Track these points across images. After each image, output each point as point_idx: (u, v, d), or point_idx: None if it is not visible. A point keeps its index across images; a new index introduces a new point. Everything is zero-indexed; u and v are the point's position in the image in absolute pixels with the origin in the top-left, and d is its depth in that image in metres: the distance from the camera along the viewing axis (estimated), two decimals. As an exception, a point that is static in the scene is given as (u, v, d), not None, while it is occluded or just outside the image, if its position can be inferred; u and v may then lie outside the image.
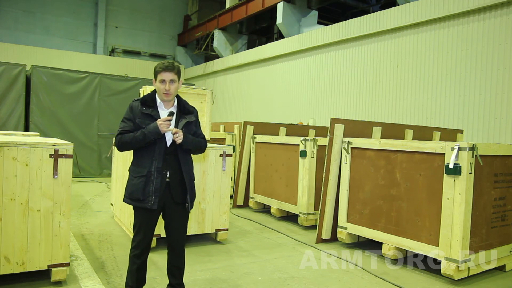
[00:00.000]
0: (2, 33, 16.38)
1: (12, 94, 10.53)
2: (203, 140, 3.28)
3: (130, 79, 11.89)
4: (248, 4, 15.01)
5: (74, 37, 18.00)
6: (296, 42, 12.64)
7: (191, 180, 3.18)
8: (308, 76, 12.16)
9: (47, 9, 17.21)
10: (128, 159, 5.57)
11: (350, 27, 10.69)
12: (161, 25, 19.93)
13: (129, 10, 19.10)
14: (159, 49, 19.77)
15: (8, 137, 4.50)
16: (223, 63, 16.52)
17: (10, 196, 3.43)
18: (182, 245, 3.28)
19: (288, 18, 13.12)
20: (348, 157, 5.33)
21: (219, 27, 16.82)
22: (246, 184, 7.85)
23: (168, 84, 3.03)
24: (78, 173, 10.64)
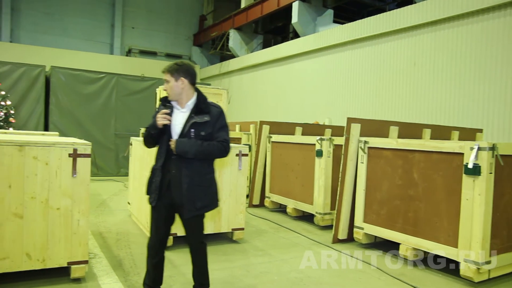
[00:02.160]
0: (23, 35, 16.72)
1: (32, 95, 10.74)
2: (218, 144, 3.06)
3: (146, 79, 12.00)
4: (263, 3, 15.00)
5: (91, 38, 18.25)
6: (311, 41, 12.58)
7: (191, 184, 3.02)
8: (323, 75, 12.10)
9: (65, 11, 17.48)
10: (144, 158, 5.62)
11: (366, 26, 10.59)
12: (177, 25, 20.06)
13: (146, 11, 19.27)
14: (175, 49, 19.90)
15: (29, 136, 4.59)
16: (238, 63, 16.55)
17: (31, 194, 3.50)
18: (194, 245, 3.23)
19: (304, 17, 13.07)
20: (365, 156, 5.29)
21: (235, 27, 16.85)
22: (262, 183, 7.85)
23: (165, 84, 3.14)
24: (96, 172, 10.78)
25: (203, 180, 3.09)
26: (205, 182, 3.10)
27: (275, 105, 14.21)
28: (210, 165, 3.18)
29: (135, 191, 6.14)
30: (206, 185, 3.11)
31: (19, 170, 3.44)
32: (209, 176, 3.15)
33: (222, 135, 3.11)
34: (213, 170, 3.20)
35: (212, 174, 3.18)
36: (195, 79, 3.18)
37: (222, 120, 3.14)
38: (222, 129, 3.13)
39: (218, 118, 3.12)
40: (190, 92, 3.14)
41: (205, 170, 3.11)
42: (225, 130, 3.15)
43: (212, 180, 3.17)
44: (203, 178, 3.09)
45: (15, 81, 10.57)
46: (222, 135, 3.11)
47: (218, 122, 3.11)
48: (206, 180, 3.11)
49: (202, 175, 3.09)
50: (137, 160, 6.13)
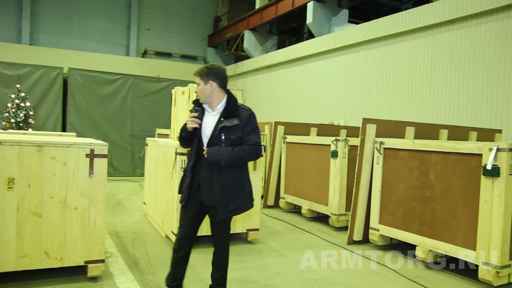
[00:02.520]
0: (42, 38, 17.02)
1: (50, 96, 10.95)
2: (249, 149, 3.07)
3: (162, 80, 12.11)
4: (278, 4, 14.98)
5: (108, 40, 18.46)
6: (326, 41, 12.52)
7: (224, 187, 3.06)
8: (338, 75, 12.02)
9: (83, 13, 17.74)
10: (159, 159, 5.67)
11: (381, 26, 10.50)
12: (192, 26, 20.16)
13: (161, 13, 19.42)
14: (190, 51, 20.01)
15: (47, 137, 4.68)
16: (253, 64, 16.56)
17: (50, 194, 3.56)
18: (219, 245, 3.26)
19: (318, 17, 13.01)
20: (381, 157, 5.24)
21: (249, 28, 16.87)
22: (277, 184, 7.85)
23: (196, 87, 3.20)
24: (113, 172, 10.91)
25: (235, 183, 3.11)
26: (237, 184, 3.12)
27: (290, 105, 14.18)
28: (243, 168, 3.19)
29: (151, 191, 6.20)
30: (238, 187, 3.12)
31: (38, 170, 3.51)
32: (241, 178, 3.16)
33: (253, 138, 3.11)
34: (245, 172, 3.22)
35: (244, 176, 3.19)
36: (225, 82, 3.20)
37: (252, 123, 3.14)
38: (252, 132, 3.13)
39: (247, 121, 3.12)
40: (220, 95, 3.16)
41: (236, 173, 3.13)
42: (256, 132, 3.15)
43: (245, 182, 3.18)
44: (235, 181, 3.11)
45: (34, 83, 10.78)
46: (252, 138, 3.11)
47: (248, 125, 3.12)
48: (238, 182, 3.13)
49: (234, 177, 3.11)
50: (152, 161, 6.19)
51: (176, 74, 15.17)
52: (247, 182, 3.21)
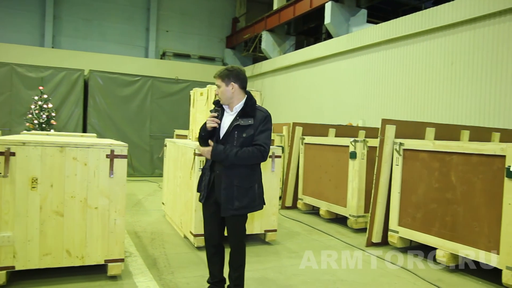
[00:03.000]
0: (64, 41, 17.37)
1: (72, 98, 11.17)
2: (253, 150, 3.10)
3: (180, 81, 12.22)
4: (296, 4, 14.95)
5: (127, 42, 18.71)
6: (344, 42, 12.43)
7: (230, 184, 3.13)
8: (357, 76, 11.92)
9: (103, 16, 18.03)
10: (178, 159, 5.72)
11: (401, 25, 10.37)
12: (210, 28, 20.28)
13: (179, 14, 19.59)
14: (208, 52, 20.12)
15: (69, 138, 4.76)
16: (271, 65, 16.55)
17: (71, 193, 3.63)
18: (233, 244, 3.29)
19: (337, 17, 12.92)
20: (400, 158, 5.18)
21: (267, 29, 16.87)
22: (295, 185, 7.83)
23: (216, 89, 3.26)
24: (132, 172, 11.05)
25: (243, 182, 3.15)
26: (245, 183, 3.16)
27: (308, 106, 14.13)
28: (254, 168, 3.23)
29: (169, 191, 6.25)
30: (246, 186, 3.16)
31: (60, 170, 3.58)
32: (251, 178, 3.20)
33: (261, 139, 3.14)
34: (256, 173, 3.25)
35: (254, 176, 3.23)
36: (245, 83, 3.27)
37: (265, 124, 3.17)
38: (263, 132, 3.16)
39: (262, 121, 3.16)
40: (240, 96, 3.24)
41: (246, 172, 3.17)
42: (266, 133, 3.17)
43: (254, 182, 3.22)
44: (243, 180, 3.16)
45: (56, 85, 11.02)
46: (261, 138, 3.14)
47: (261, 125, 3.16)
48: (246, 181, 3.17)
49: (243, 176, 3.16)
50: (171, 161, 6.24)
51: (194, 75, 15.29)
52: (257, 183, 3.24)
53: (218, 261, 3.38)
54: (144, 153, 11.69)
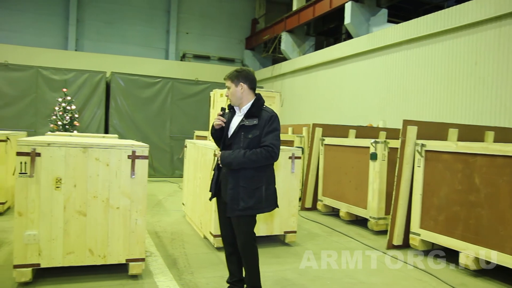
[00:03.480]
0: (86, 44, 17.73)
1: (94, 99, 11.38)
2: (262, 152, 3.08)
3: (200, 83, 12.31)
4: (315, 5, 14.89)
5: (148, 44, 18.97)
6: (365, 42, 12.32)
7: (236, 184, 3.12)
8: (378, 76, 11.80)
9: (124, 19, 18.33)
10: (198, 160, 5.76)
11: (422, 24, 10.21)
12: (229, 29, 20.38)
13: (199, 16, 19.75)
14: (227, 53, 20.23)
15: (92, 139, 4.85)
16: (290, 65, 16.53)
17: (94, 193, 3.69)
18: (240, 245, 3.26)
19: (357, 17, 12.82)
20: (422, 160, 5.10)
21: (286, 30, 16.85)
22: (315, 186, 7.79)
23: (227, 90, 3.32)
24: (153, 173, 11.18)
25: (249, 183, 3.14)
26: (252, 184, 3.14)
27: (328, 107, 14.05)
28: (261, 169, 3.18)
29: (189, 192, 6.30)
30: (252, 187, 3.14)
31: (83, 170, 3.65)
32: (258, 179, 3.17)
33: (269, 139, 3.12)
34: (264, 175, 3.20)
35: (262, 178, 3.19)
36: (254, 84, 3.31)
37: (271, 124, 3.16)
38: (270, 133, 3.14)
39: (267, 122, 3.15)
40: (249, 97, 3.28)
41: (252, 173, 3.15)
42: (274, 134, 3.15)
43: (261, 183, 3.18)
44: (250, 181, 3.14)
45: (79, 87, 11.24)
46: (268, 139, 3.12)
47: (267, 126, 3.15)
48: (253, 182, 3.15)
49: (249, 177, 3.14)
50: (191, 162, 6.29)
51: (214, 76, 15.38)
52: (265, 184, 3.20)
53: (235, 260, 3.41)
54: (165, 154, 11.82)
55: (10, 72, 10.77)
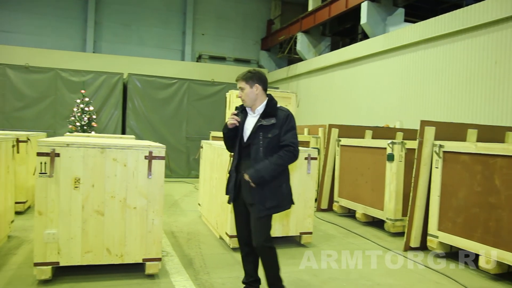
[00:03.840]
0: (103, 46, 17.98)
1: (111, 101, 11.53)
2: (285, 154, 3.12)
3: (216, 84, 12.36)
4: (331, 5, 14.81)
5: (164, 45, 19.14)
6: (381, 42, 12.21)
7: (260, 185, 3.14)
8: (394, 76, 11.68)
9: (141, 21, 18.54)
10: (214, 161, 5.78)
11: (440, 23, 10.07)
12: (245, 30, 20.42)
13: (215, 18, 19.85)
14: (243, 54, 20.27)
15: (109, 139, 4.92)
16: (306, 66, 16.47)
17: (111, 193, 3.74)
18: (259, 245, 3.23)
19: (373, 17, 12.71)
20: (440, 161, 5.02)
21: (302, 30, 16.81)
22: (331, 187, 7.75)
23: (240, 92, 3.30)
24: (169, 174, 11.27)
25: (273, 181, 3.18)
26: (275, 182, 3.19)
27: (343, 108, 13.96)
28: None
29: (205, 193, 6.33)
30: (275, 186, 3.20)
31: (101, 170, 3.70)
32: (278, 178, 3.21)
33: (288, 138, 3.17)
34: (283, 173, 3.25)
35: (281, 176, 3.24)
36: (267, 85, 3.35)
37: (289, 123, 3.20)
38: (289, 132, 3.19)
39: (285, 120, 3.20)
40: (262, 98, 3.30)
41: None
42: (292, 133, 3.20)
43: (282, 182, 3.24)
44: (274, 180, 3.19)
45: (97, 88, 11.41)
46: (287, 137, 3.17)
47: (286, 125, 3.19)
48: (276, 181, 3.20)
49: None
50: (207, 163, 6.32)
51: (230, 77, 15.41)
52: (284, 182, 3.26)
53: (252, 261, 3.42)
54: (181, 154, 11.90)
55: (30, 74, 10.99)
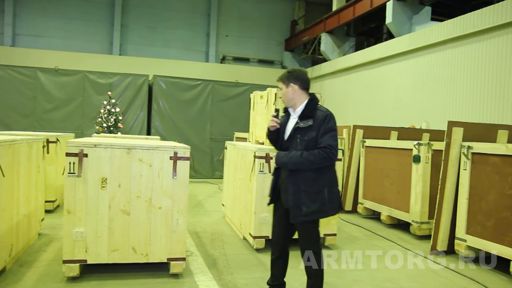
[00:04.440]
0: (130, 48, 18.30)
1: (137, 102, 11.74)
2: (319, 153, 3.00)
3: (240, 85, 12.42)
4: (356, 5, 14.65)
5: (188, 47, 19.32)
6: (407, 41, 11.99)
7: (298, 189, 3.06)
8: (420, 76, 11.45)
9: (166, 24, 18.77)
10: (237, 162, 5.81)
11: (469, 21, 9.82)
12: (269, 31, 20.41)
13: (238, 19, 19.91)
14: (267, 55, 20.26)
15: (135, 140, 5.00)
16: (330, 66, 16.34)
17: (137, 193, 3.80)
18: (303, 252, 3.19)
19: (398, 16, 12.50)
20: (468, 163, 4.90)
21: (326, 30, 16.68)
22: (355, 189, 7.66)
23: (280, 92, 3.32)
24: (194, 174, 11.37)
25: (310, 186, 3.06)
26: (313, 188, 3.06)
27: (368, 108, 13.79)
28: (321, 171, 3.09)
29: (229, 193, 6.36)
30: (314, 191, 3.06)
31: (127, 171, 3.77)
32: (319, 182, 3.08)
33: (325, 140, 3.03)
34: (325, 177, 3.10)
35: (323, 180, 3.09)
36: (306, 84, 3.25)
37: (327, 124, 3.07)
38: (326, 134, 3.06)
39: (322, 122, 3.07)
40: (302, 98, 3.23)
41: (312, 176, 3.07)
42: (330, 134, 3.06)
43: (323, 186, 3.08)
44: (311, 184, 3.07)
45: (123, 90, 11.64)
46: (324, 140, 3.04)
47: (323, 127, 3.06)
48: (314, 186, 3.07)
49: (310, 181, 3.07)
50: (231, 164, 6.35)
51: (253, 78, 15.46)
52: (327, 187, 3.09)
53: (281, 264, 3.37)
54: (205, 155, 11.99)
55: (60, 77, 11.30)
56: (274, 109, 3.40)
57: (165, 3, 18.81)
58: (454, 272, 4.50)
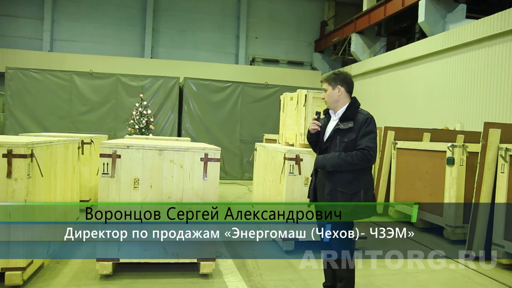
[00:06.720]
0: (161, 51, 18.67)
1: (168, 104, 11.95)
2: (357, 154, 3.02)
3: (269, 86, 12.44)
4: (387, 4, 14.41)
5: (218, 49, 19.51)
6: (441, 40, 11.70)
7: (334, 190, 3.05)
8: (454, 76, 11.14)
9: (196, 27, 19.04)
10: (267, 164, 5.81)
11: (507, 18, 9.48)
12: (298, 32, 20.36)
13: (268, 21, 19.96)
14: (296, 56, 20.22)
15: (167, 142, 5.09)
16: (360, 67, 16.14)
17: (168, 194, 3.87)
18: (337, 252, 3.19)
19: (431, 15, 12.21)
20: (506, 166, 4.73)
21: (356, 31, 16.49)
22: (386, 191, 7.53)
23: (323, 93, 3.27)
24: (224, 176, 11.45)
25: (347, 187, 3.07)
26: (350, 189, 3.07)
27: (399, 109, 13.53)
28: (358, 173, 3.09)
29: (259, 195, 6.37)
30: (350, 192, 3.07)
31: (159, 171, 3.84)
32: (355, 184, 3.08)
33: (364, 142, 3.05)
34: (362, 179, 3.11)
35: (360, 182, 3.09)
36: (351, 87, 3.28)
37: (367, 127, 3.09)
38: (366, 136, 3.07)
39: (363, 124, 3.09)
40: (345, 100, 3.23)
41: (349, 177, 3.07)
42: (369, 137, 3.07)
43: (360, 187, 3.08)
44: (347, 185, 3.07)
45: (154, 92, 11.87)
46: (364, 141, 3.05)
47: (363, 129, 3.08)
48: (351, 187, 3.07)
49: (346, 182, 3.07)
50: (261, 166, 6.36)
51: (283, 80, 15.46)
52: (363, 188, 3.09)
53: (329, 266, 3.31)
54: (234, 156, 12.06)
55: (94, 80, 11.64)
56: (315, 112, 3.34)
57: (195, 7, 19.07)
58: (490, 278, 4.35)
